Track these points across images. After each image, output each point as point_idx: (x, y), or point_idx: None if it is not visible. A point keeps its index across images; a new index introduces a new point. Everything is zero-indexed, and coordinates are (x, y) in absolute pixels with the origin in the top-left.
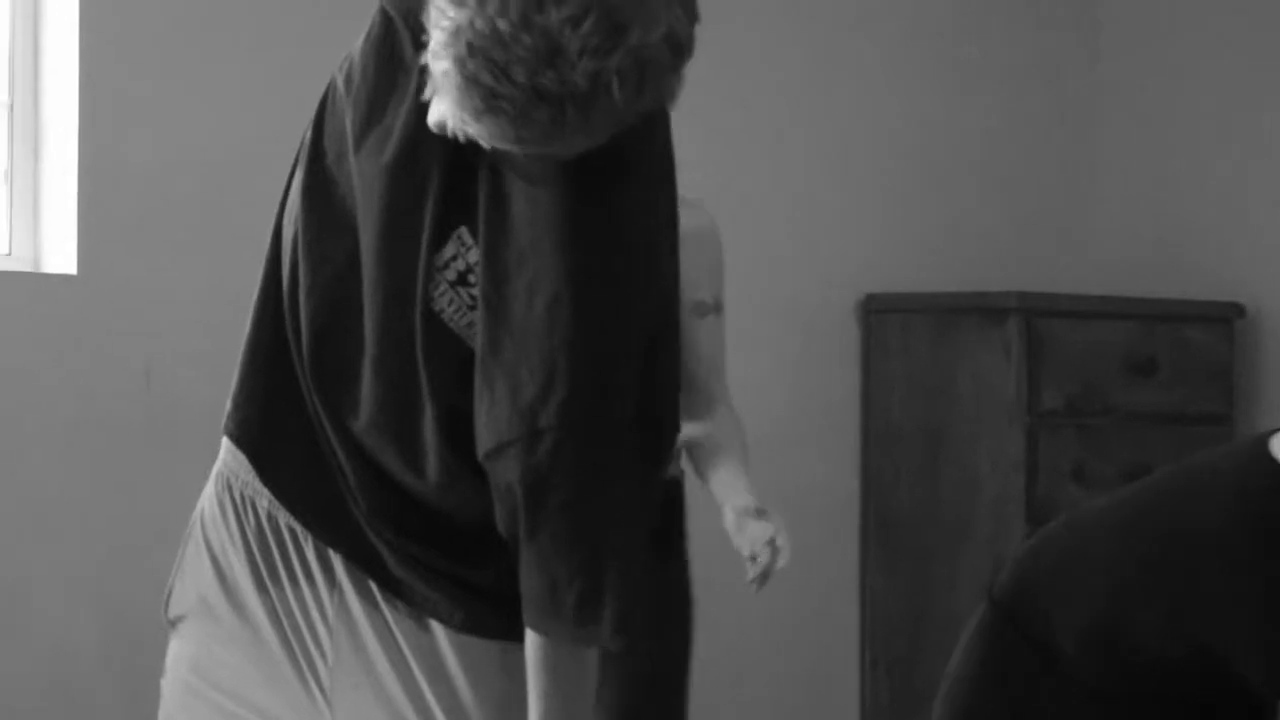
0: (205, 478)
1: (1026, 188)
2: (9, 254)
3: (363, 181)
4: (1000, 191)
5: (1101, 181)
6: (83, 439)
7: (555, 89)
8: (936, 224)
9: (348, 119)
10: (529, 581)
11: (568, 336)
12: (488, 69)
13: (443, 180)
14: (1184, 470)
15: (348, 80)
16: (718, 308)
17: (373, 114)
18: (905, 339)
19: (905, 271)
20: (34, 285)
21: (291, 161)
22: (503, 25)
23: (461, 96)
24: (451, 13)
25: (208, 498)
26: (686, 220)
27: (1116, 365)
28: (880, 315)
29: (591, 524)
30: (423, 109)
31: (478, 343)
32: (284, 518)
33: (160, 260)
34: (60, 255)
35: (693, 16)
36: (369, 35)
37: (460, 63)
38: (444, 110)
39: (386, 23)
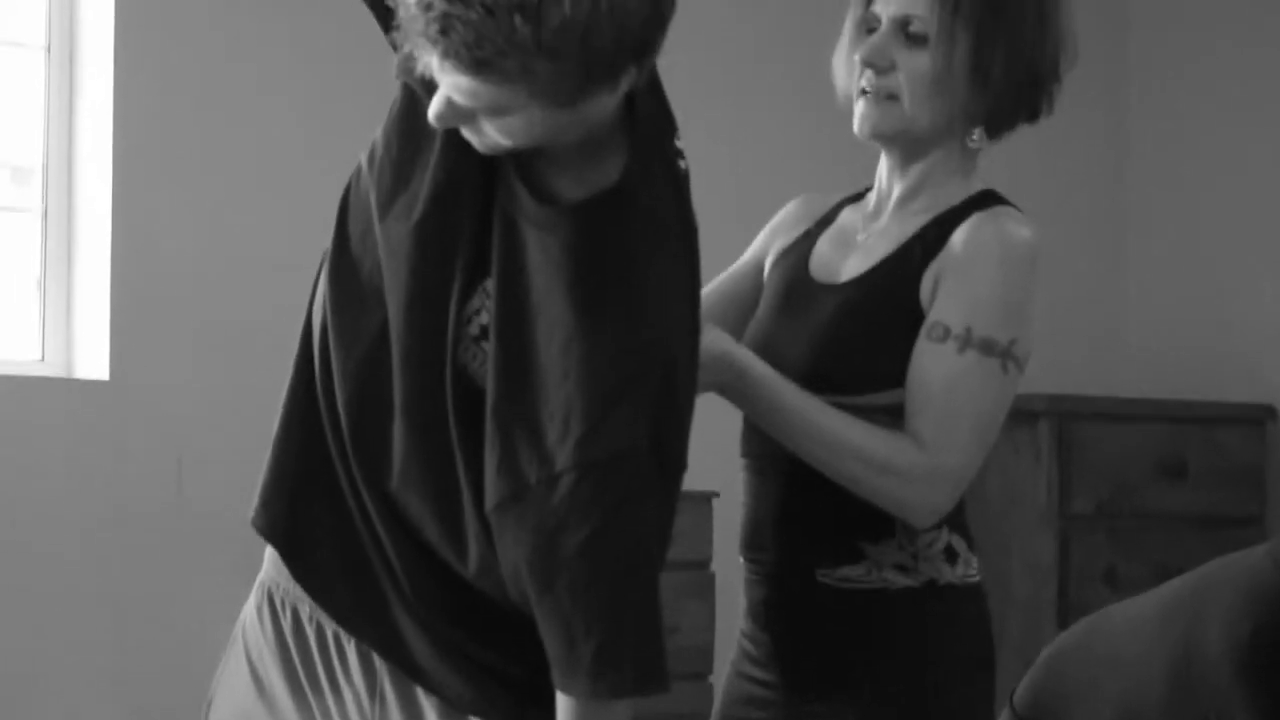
0: (237, 581)
1: (1057, 290)
2: (42, 360)
3: (389, 245)
4: None
5: (1132, 284)
6: (114, 543)
7: (504, 3)
8: None
9: (372, 192)
10: (548, 641)
11: (581, 378)
12: None
13: (470, 235)
14: (1203, 575)
15: (370, 158)
16: (968, 340)
17: (398, 182)
18: None
19: None
20: (67, 391)
21: (320, 262)
22: None
23: (419, 26)
24: None
25: (249, 607)
26: (960, 233)
27: (1148, 467)
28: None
29: (608, 567)
30: (447, 167)
31: (489, 390)
32: (327, 624)
33: (191, 366)
34: (93, 361)
35: None
36: (391, 112)
37: (419, 10)
38: (409, 57)
39: (409, 95)
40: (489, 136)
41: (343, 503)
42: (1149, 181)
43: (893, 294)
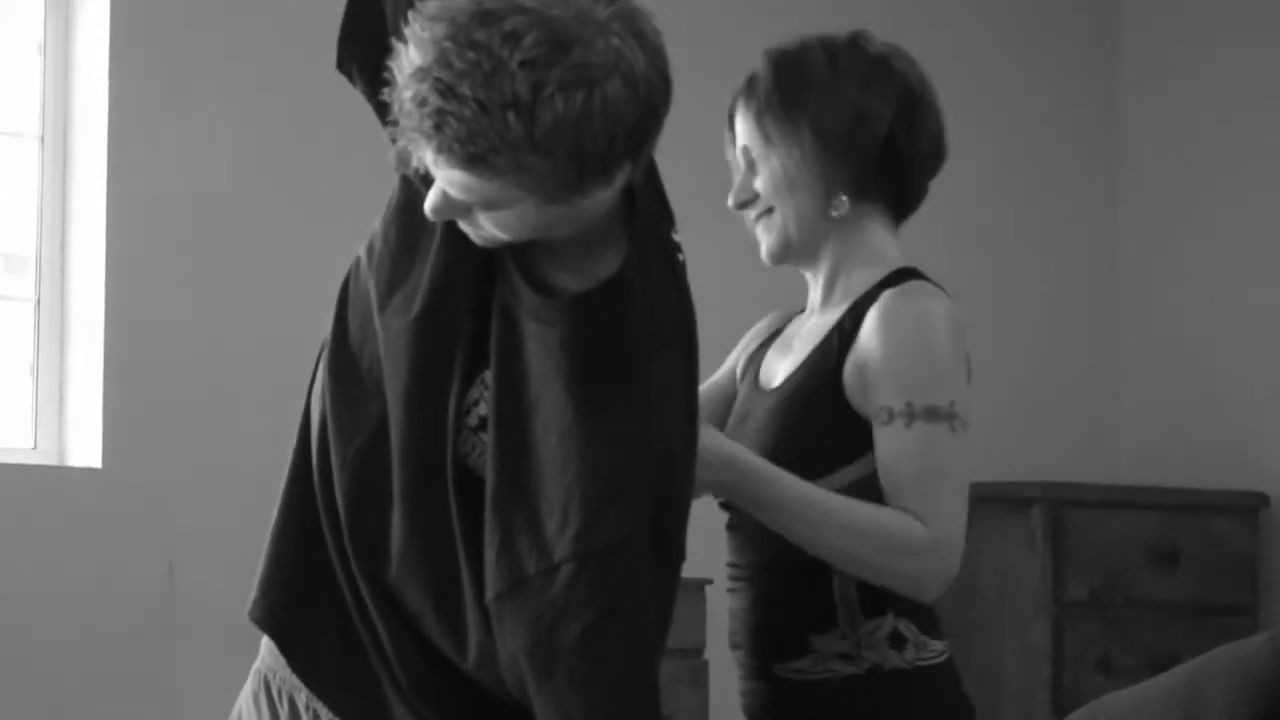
0: (230, 668)
1: (1049, 377)
2: (34, 448)
3: (389, 338)
4: (1022, 381)
5: (1124, 371)
6: (107, 630)
7: (498, 99)
8: None
9: (371, 285)
10: None
11: (579, 470)
12: (434, 89)
13: (469, 327)
14: (1204, 663)
15: (369, 250)
16: (911, 414)
17: (396, 274)
18: None
19: None
20: (59, 479)
21: (317, 354)
22: (448, 45)
23: (413, 121)
24: (408, 52)
25: (246, 694)
26: (872, 314)
27: (1140, 555)
28: None
29: (608, 657)
30: (446, 260)
31: (489, 480)
32: (324, 712)
33: (184, 454)
34: (85, 449)
35: (658, 65)
36: (389, 204)
37: (411, 88)
38: (406, 150)
39: (407, 188)
40: (485, 230)
41: (340, 594)
42: (1141, 270)
43: (818, 388)
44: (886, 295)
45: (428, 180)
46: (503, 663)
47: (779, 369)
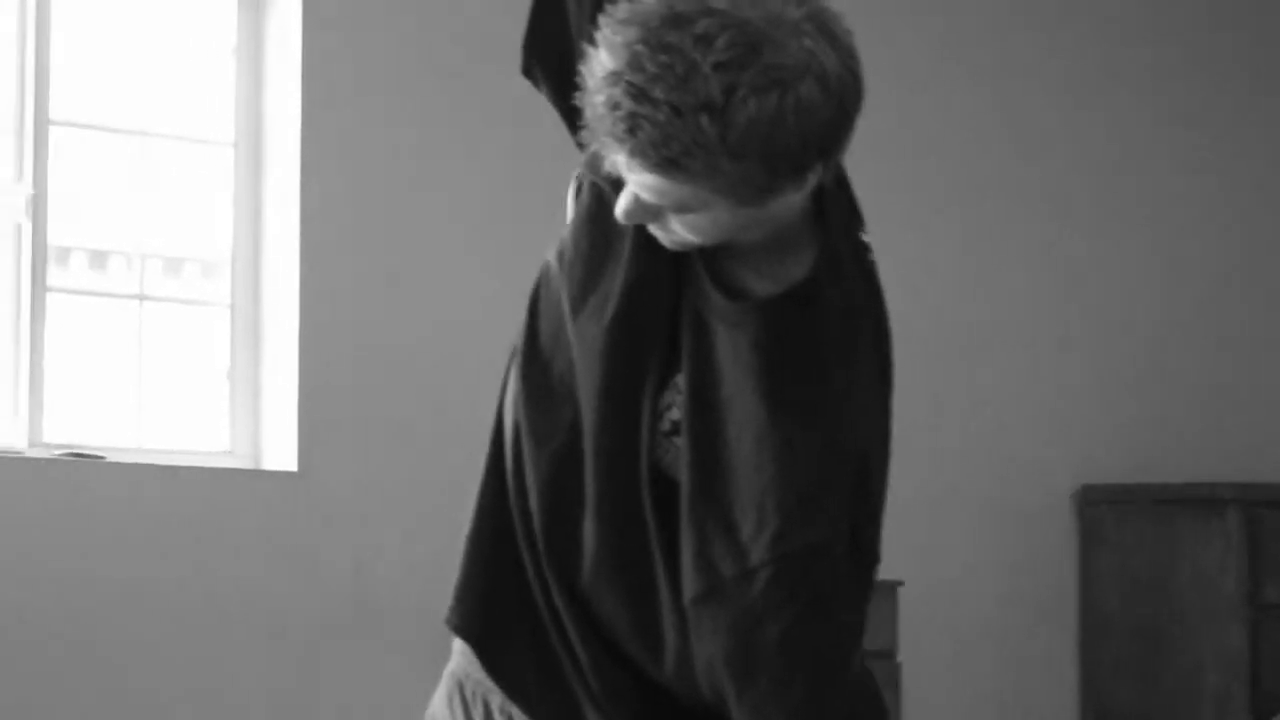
0: (413, 671)
1: (1245, 377)
2: (230, 451)
3: (582, 345)
4: (1218, 380)
5: None
6: (299, 630)
7: (691, 102)
8: (1153, 414)
9: (563, 291)
10: None
11: (774, 473)
12: (627, 93)
13: (661, 331)
14: None
15: (560, 256)
16: None
17: (588, 280)
18: (1121, 531)
19: (1121, 462)
20: (255, 482)
21: (508, 358)
22: (640, 49)
23: (606, 125)
24: (599, 56)
25: (439, 697)
26: None
27: None
28: (1096, 507)
29: (807, 661)
30: (638, 265)
31: (684, 485)
32: (518, 716)
33: (378, 456)
34: (281, 452)
35: (850, 65)
36: (579, 209)
37: (603, 93)
38: (596, 155)
39: (596, 193)
40: (677, 233)
41: (534, 600)
42: None
43: None
44: None
45: (618, 185)
46: (699, 668)
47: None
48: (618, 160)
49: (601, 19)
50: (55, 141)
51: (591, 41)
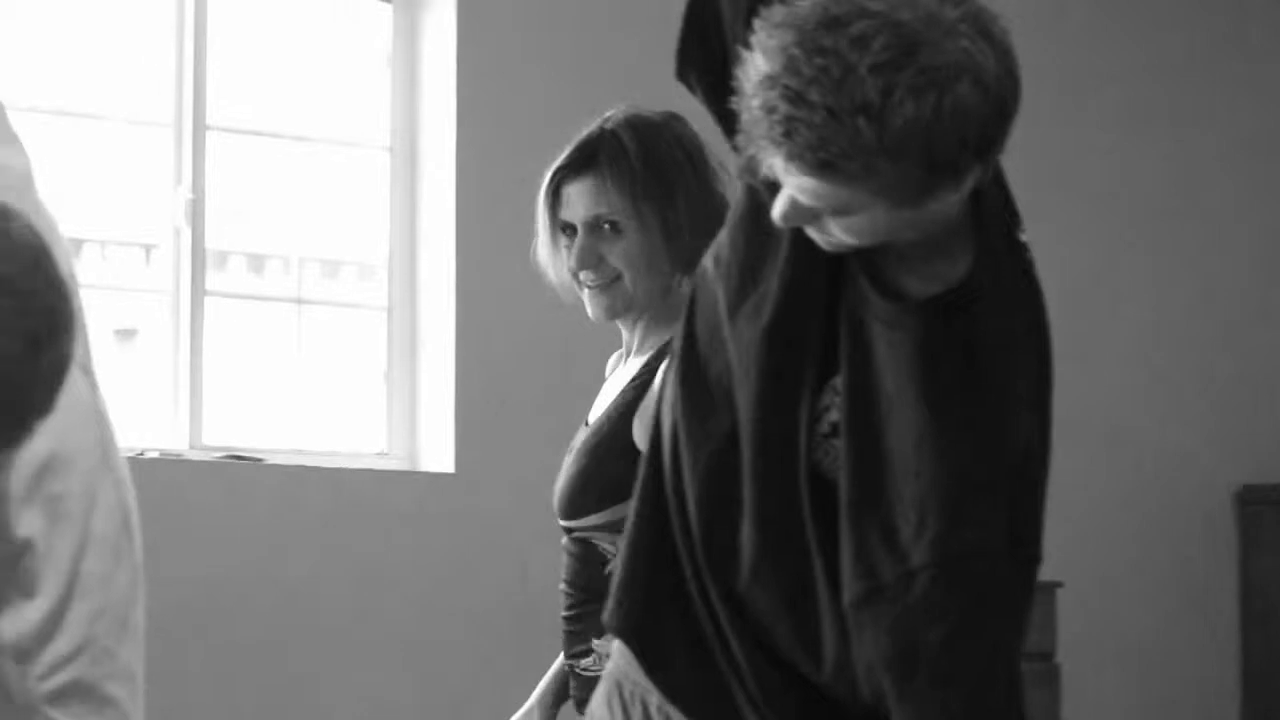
0: None
1: None
2: (387, 453)
3: (739, 347)
4: None
5: None
6: (458, 632)
7: (848, 105)
8: None
9: (720, 293)
10: None
11: (935, 475)
12: (784, 96)
13: (819, 333)
14: None
15: (716, 259)
16: None
17: (746, 283)
18: None
19: None
20: (412, 483)
21: (666, 361)
22: (795, 52)
23: (763, 129)
24: (755, 60)
25: (598, 698)
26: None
27: None
28: (1256, 507)
29: (970, 664)
30: (795, 267)
31: (843, 488)
32: (676, 717)
33: (532, 458)
34: (438, 454)
35: (1008, 65)
36: (735, 212)
37: (759, 96)
38: (753, 158)
39: (752, 196)
40: (834, 235)
41: (692, 602)
42: None
43: (613, 432)
44: None
45: (774, 187)
46: (859, 671)
47: (597, 409)
48: (774, 163)
49: (756, 23)
50: (213, 147)
51: (746, 45)
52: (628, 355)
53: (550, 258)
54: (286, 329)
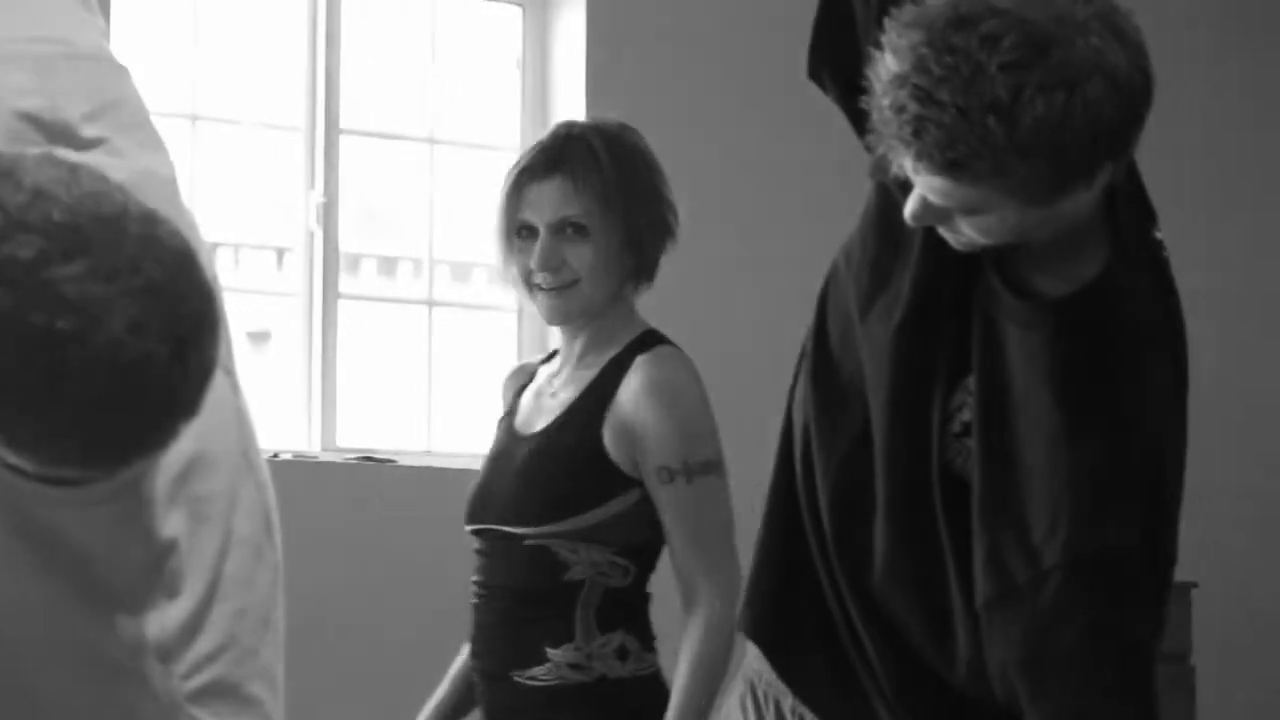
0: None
1: None
2: None
3: (872, 346)
4: None
5: None
6: None
7: (977, 103)
8: None
9: (851, 293)
10: None
11: (1068, 475)
12: (913, 96)
13: (951, 333)
14: None
15: (848, 259)
16: (689, 471)
17: (877, 282)
18: None
19: None
20: None
21: (796, 361)
22: (925, 51)
23: (893, 128)
24: (885, 60)
25: (731, 699)
26: (634, 376)
27: None
28: None
29: (1104, 664)
30: (927, 266)
31: (975, 488)
32: (809, 717)
33: None
34: None
35: (1139, 63)
36: (865, 211)
37: (889, 96)
38: (883, 158)
39: (884, 196)
40: (965, 235)
41: (824, 602)
42: None
43: (579, 441)
44: (642, 362)
45: (906, 187)
46: (991, 670)
47: (536, 417)
48: (905, 163)
49: (886, 22)
50: (346, 150)
51: (877, 45)
52: (564, 364)
53: (504, 257)
54: (418, 331)
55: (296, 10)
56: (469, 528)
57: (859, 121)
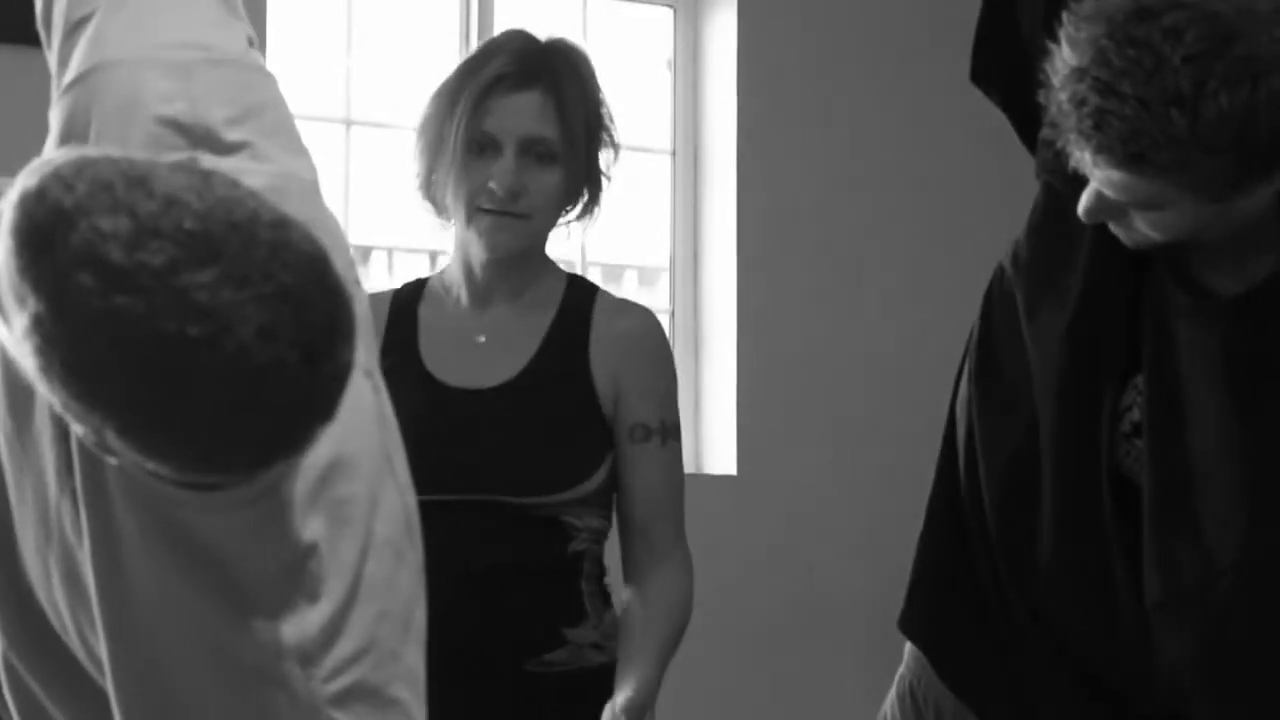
0: (865, 671)
1: None
2: None
3: (1039, 347)
4: None
5: None
6: (742, 633)
7: (1160, 96)
8: None
9: (1018, 293)
10: None
11: (1240, 475)
12: (1094, 88)
13: (1120, 332)
14: None
15: (1014, 259)
16: (665, 432)
17: (1045, 282)
18: None
19: None
20: (695, 485)
21: (960, 360)
22: (1106, 44)
23: (1071, 122)
24: (1062, 53)
25: (890, 701)
26: (619, 323)
27: None
28: None
29: (1276, 667)
30: (1097, 266)
31: (1145, 488)
32: (969, 717)
33: (813, 460)
34: (721, 456)
35: None
36: (1032, 211)
37: (1068, 89)
38: (1048, 157)
39: (1051, 195)
40: (1138, 231)
41: (987, 605)
42: None
43: (564, 391)
44: (614, 307)
45: (1075, 185)
46: (1160, 671)
47: (475, 368)
48: (1083, 157)
49: (1065, 15)
50: None
51: (1053, 38)
52: (486, 303)
53: (457, 170)
54: None
55: (449, 14)
56: (439, 498)
57: (1022, 122)
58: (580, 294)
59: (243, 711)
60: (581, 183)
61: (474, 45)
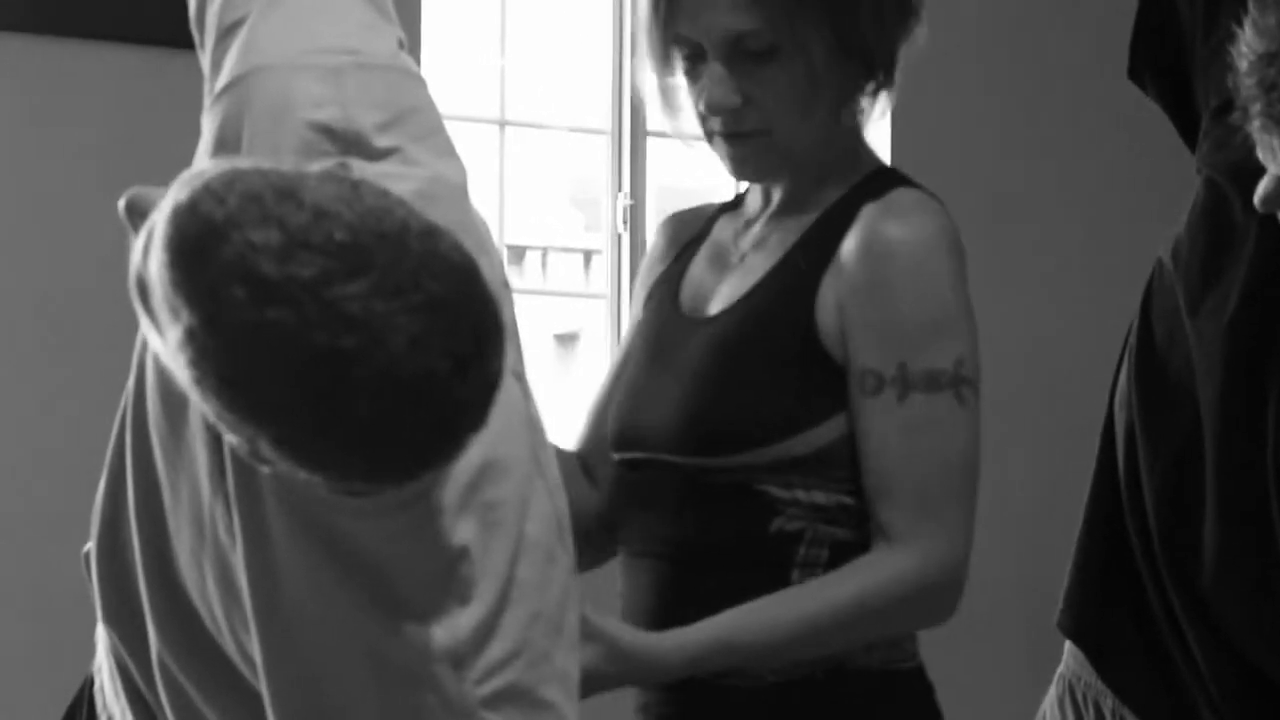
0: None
1: None
2: None
3: (1202, 343)
4: None
5: None
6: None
7: None
8: None
9: (1179, 289)
10: None
11: None
12: None
13: None
14: None
15: (1175, 254)
16: (905, 382)
17: (1207, 278)
18: None
19: None
20: None
21: (1117, 358)
22: None
23: (1260, 107)
24: (1247, 38)
25: (1049, 700)
26: (874, 231)
27: None
28: None
29: None
30: (1262, 260)
31: None
32: (1129, 718)
33: None
34: None
35: None
36: (1193, 206)
37: (1256, 75)
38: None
39: (1212, 189)
40: None
41: (1148, 603)
42: None
43: (777, 320)
44: (870, 212)
45: (1238, 178)
46: None
47: (717, 291)
48: (1271, 142)
49: (1250, 2)
50: (652, 152)
51: (1238, 22)
52: (759, 213)
53: (663, 90)
54: None
55: (602, 14)
56: (616, 456)
57: (1182, 117)
58: (856, 198)
59: (395, 713)
60: (833, 59)
61: (628, 45)
